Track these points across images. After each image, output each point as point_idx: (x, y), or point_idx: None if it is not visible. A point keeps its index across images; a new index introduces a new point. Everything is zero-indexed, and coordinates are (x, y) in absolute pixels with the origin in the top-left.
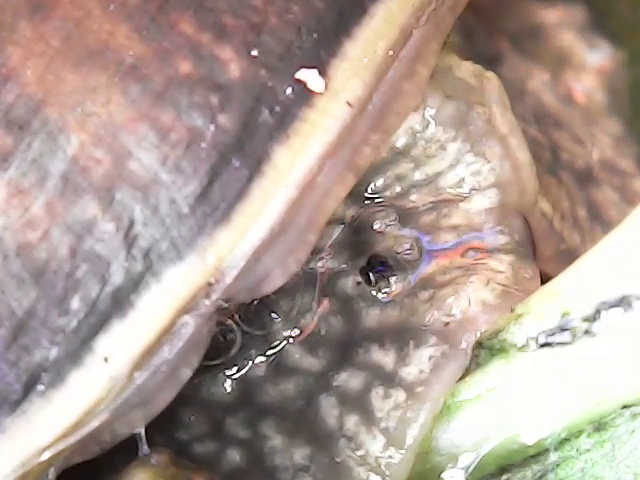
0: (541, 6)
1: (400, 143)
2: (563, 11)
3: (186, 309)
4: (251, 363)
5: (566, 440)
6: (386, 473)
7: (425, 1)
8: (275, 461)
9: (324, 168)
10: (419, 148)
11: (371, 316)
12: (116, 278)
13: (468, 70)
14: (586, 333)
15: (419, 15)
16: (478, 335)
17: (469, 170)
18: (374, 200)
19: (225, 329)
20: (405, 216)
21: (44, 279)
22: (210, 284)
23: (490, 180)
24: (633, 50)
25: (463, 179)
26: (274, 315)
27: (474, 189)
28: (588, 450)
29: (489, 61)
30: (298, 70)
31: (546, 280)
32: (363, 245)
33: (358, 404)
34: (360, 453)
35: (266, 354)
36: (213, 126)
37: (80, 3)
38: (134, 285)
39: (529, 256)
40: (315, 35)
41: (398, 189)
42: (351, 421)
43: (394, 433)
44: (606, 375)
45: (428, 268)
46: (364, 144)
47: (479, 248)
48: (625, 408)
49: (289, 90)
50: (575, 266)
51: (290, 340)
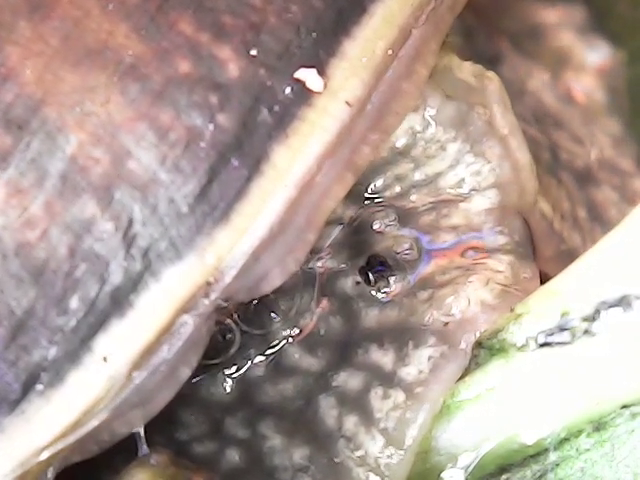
0: (541, 6)
1: (400, 143)
2: (563, 11)
3: (185, 309)
4: (250, 363)
5: (566, 440)
6: (385, 473)
7: (424, 1)
8: (274, 461)
9: (323, 167)
10: (419, 148)
11: (370, 316)
12: (115, 278)
13: (468, 70)
14: (586, 333)
15: (418, 14)
16: (477, 335)
17: (469, 170)
18: (374, 200)
19: (224, 328)
20: (405, 216)
21: (43, 279)
22: (209, 283)
23: (490, 180)
24: (633, 50)
25: (463, 179)
26: (273, 315)
27: (474, 189)
28: (588, 450)
29: (489, 61)
30: (297, 69)
31: (546, 280)
32: (362, 245)
33: (357, 404)
34: (359, 453)
35: (265, 354)
36: (212, 125)
37: (79, 3)
38: (133, 285)
39: (529, 256)
40: (314, 34)
41: (398, 189)
42: (350, 421)
43: (393, 434)
44: (606, 375)
45: (427, 268)
46: (363, 143)
47: (478, 248)
48: (625, 408)
49: (288, 89)
50: (575, 266)
51: (289, 340)
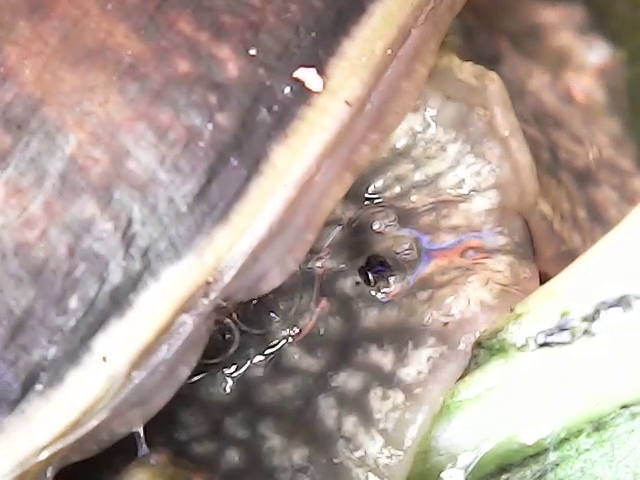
0: (541, 6)
1: (400, 144)
2: (563, 11)
3: (184, 308)
4: (250, 362)
5: (565, 440)
6: (385, 474)
7: (423, 0)
8: (274, 461)
9: (322, 167)
10: (419, 149)
11: (370, 316)
12: (114, 277)
13: (469, 71)
14: (585, 333)
15: (418, 14)
16: (477, 335)
17: (469, 171)
18: (374, 201)
19: (223, 328)
20: (405, 217)
21: (42, 278)
22: (208, 283)
23: (490, 181)
24: (632, 50)
25: (463, 180)
26: (272, 315)
27: (474, 190)
28: (587, 450)
29: (489, 61)
30: (296, 69)
31: (546, 281)
32: (362, 245)
33: (357, 405)
34: (359, 454)
35: (264, 353)
36: (211, 125)
37: (78, 2)
38: (132, 284)
39: (529, 257)
40: (313, 34)
41: (398, 190)
42: (349, 422)
43: (392, 434)
44: (605, 375)
45: (427, 268)
46: (362, 143)
47: (478, 248)
48: (624, 408)
49: (287, 89)
50: (574, 266)
51: (289, 340)
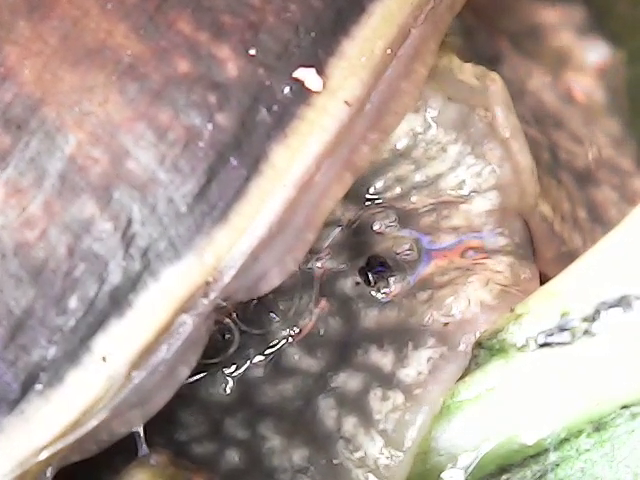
0: (541, 6)
1: (401, 145)
2: (563, 11)
3: (184, 308)
4: (249, 362)
5: (566, 440)
6: (385, 475)
7: (423, 0)
8: (274, 462)
9: (322, 167)
10: (420, 150)
11: (370, 317)
12: (114, 277)
13: (470, 72)
14: (585, 333)
15: (417, 14)
16: (477, 336)
17: (469, 172)
18: (374, 201)
19: (223, 328)
20: (405, 217)
21: (42, 278)
22: (208, 283)
23: (491, 182)
24: (632, 50)
25: (463, 181)
26: (272, 315)
27: (474, 191)
28: (588, 450)
29: (489, 61)
30: (296, 69)
31: (546, 282)
32: (362, 246)
33: (356, 405)
34: (358, 455)
35: (264, 353)
36: (211, 125)
37: (78, 2)
38: (132, 284)
39: (529, 257)
40: (313, 34)
41: (398, 190)
42: (349, 423)
43: (392, 435)
44: (606, 375)
45: (427, 269)
46: (362, 143)
47: (478, 248)
48: (625, 408)
49: (287, 89)
50: (574, 266)
51: (289, 340)
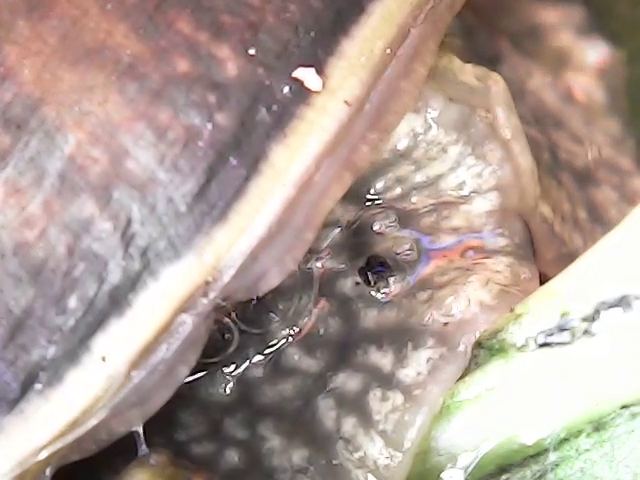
0: (541, 6)
1: (401, 145)
2: (562, 11)
3: (184, 308)
4: (249, 362)
5: (565, 440)
6: (384, 475)
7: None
8: (273, 462)
9: (322, 167)
10: (420, 150)
11: (369, 317)
12: (114, 277)
13: (471, 72)
14: (585, 333)
15: (417, 13)
16: (477, 336)
17: (470, 173)
18: (374, 202)
19: (223, 328)
20: (405, 218)
21: (41, 278)
22: (208, 283)
23: (491, 183)
24: (632, 49)
25: (464, 182)
26: (272, 314)
27: (475, 192)
28: (587, 450)
29: (489, 61)
30: (295, 69)
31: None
32: (362, 246)
33: (356, 406)
34: (358, 455)
35: (264, 353)
36: (210, 125)
37: (77, 2)
38: (132, 284)
39: (529, 258)
40: (312, 34)
41: (398, 191)
42: (349, 423)
43: (392, 436)
44: (605, 375)
45: (427, 269)
46: (362, 143)
47: (478, 248)
48: (624, 408)
49: (286, 89)
50: (574, 266)
51: (288, 339)
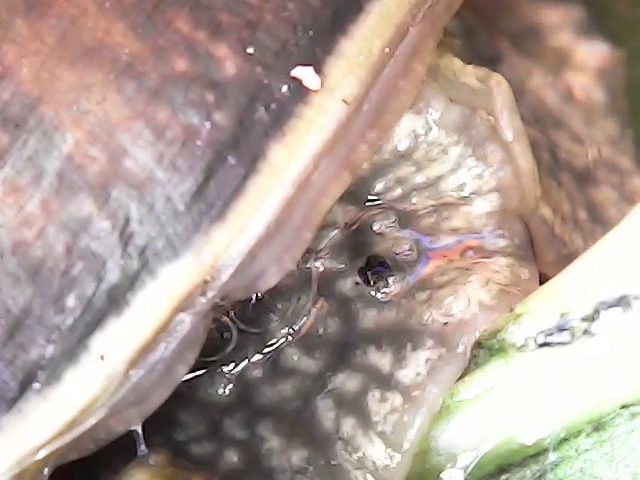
0: (540, 6)
1: (402, 146)
2: (562, 11)
3: (182, 307)
4: (248, 361)
5: (565, 440)
6: (383, 476)
7: None
8: (272, 463)
9: (320, 166)
10: (421, 151)
11: (368, 317)
12: (112, 276)
13: (472, 74)
14: (585, 333)
15: (415, 12)
16: (476, 336)
17: (470, 174)
18: (374, 202)
19: (221, 327)
20: (405, 218)
21: (40, 277)
22: (206, 282)
23: (491, 184)
24: (632, 49)
25: (464, 183)
26: (270, 314)
27: (475, 193)
28: (587, 450)
29: (489, 61)
30: (294, 68)
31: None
32: (362, 246)
33: (354, 407)
34: (357, 456)
35: (263, 352)
36: (209, 124)
37: (76, 1)
38: (130, 283)
39: (529, 258)
40: (311, 32)
41: (399, 192)
42: (348, 424)
43: (391, 437)
44: (605, 375)
45: (426, 269)
46: (361, 142)
47: (478, 248)
48: (624, 408)
49: (285, 87)
50: (574, 266)
51: (288, 338)
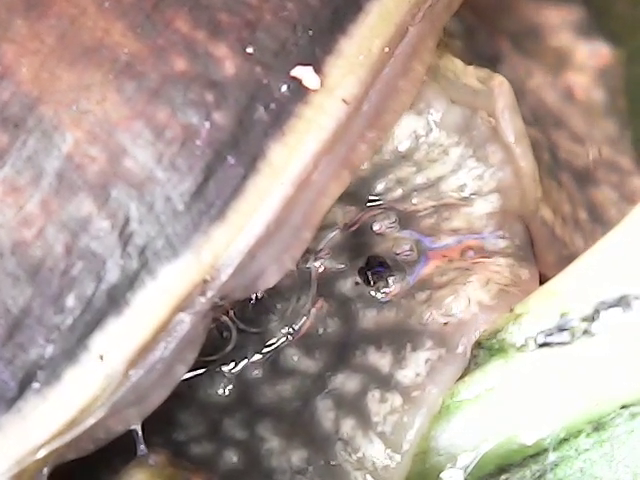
0: (540, 6)
1: (403, 147)
2: (562, 11)
3: (182, 307)
4: (247, 361)
5: (565, 440)
6: (383, 476)
7: None
8: (272, 463)
9: (319, 165)
10: (422, 152)
11: (368, 317)
12: (111, 276)
13: (473, 75)
14: (585, 333)
15: (415, 12)
16: (476, 336)
17: (471, 175)
18: (375, 203)
19: (221, 326)
20: (406, 219)
21: (39, 277)
22: (206, 281)
23: (492, 185)
24: (631, 49)
25: (465, 184)
26: (270, 314)
27: (475, 193)
28: (587, 450)
29: (489, 61)
30: (293, 67)
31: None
32: (362, 246)
33: (354, 407)
34: (357, 457)
35: (262, 352)
36: (208, 123)
37: (75, 1)
38: (130, 283)
39: (529, 259)
40: (310, 32)
41: (399, 192)
42: (347, 424)
43: (390, 437)
44: (605, 375)
45: (426, 269)
46: (360, 141)
47: (478, 248)
48: (624, 408)
49: (284, 87)
50: (574, 266)
51: (288, 338)
